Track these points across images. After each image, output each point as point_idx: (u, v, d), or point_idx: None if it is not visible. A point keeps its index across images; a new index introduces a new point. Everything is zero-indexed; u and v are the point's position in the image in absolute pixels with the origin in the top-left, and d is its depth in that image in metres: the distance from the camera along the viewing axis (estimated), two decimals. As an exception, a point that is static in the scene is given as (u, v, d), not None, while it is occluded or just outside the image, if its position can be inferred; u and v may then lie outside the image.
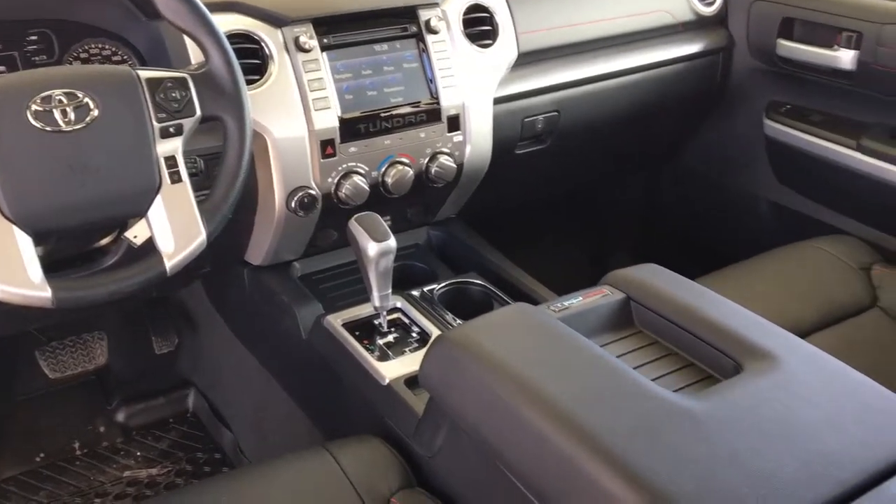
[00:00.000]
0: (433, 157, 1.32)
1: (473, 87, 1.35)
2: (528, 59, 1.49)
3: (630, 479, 0.74)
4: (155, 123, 0.95)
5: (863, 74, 1.50)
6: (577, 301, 1.04)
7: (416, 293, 1.31)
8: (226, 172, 0.99)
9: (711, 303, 1.01)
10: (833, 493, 0.73)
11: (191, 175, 0.98)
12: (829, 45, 1.52)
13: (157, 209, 0.95)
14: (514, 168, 1.57)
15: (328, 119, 1.21)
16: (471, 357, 0.91)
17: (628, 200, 2.03)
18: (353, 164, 1.25)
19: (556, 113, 1.52)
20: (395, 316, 1.27)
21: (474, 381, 0.90)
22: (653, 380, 0.92)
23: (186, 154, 0.98)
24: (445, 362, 0.95)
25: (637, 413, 0.82)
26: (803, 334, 1.27)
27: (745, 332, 0.95)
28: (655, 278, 1.07)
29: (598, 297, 1.04)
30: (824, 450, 0.78)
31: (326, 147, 1.22)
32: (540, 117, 1.51)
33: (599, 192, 2.01)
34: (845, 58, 1.49)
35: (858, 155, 1.50)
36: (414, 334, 1.24)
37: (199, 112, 0.97)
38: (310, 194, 1.22)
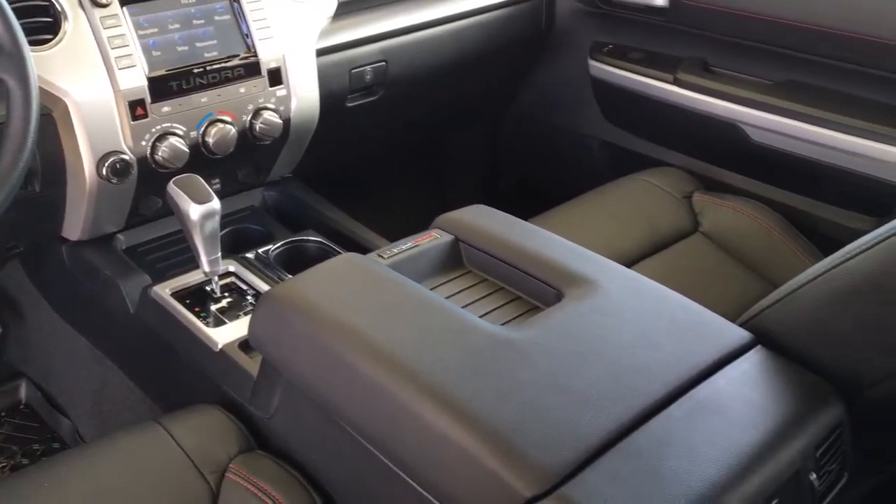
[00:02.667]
0: (256, 114, 1.27)
1: (293, 38, 1.30)
2: (350, 8, 1.46)
3: (456, 414, 0.75)
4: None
5: (675, 11, 1.56)
6: (406, 246, 1.03)
7: (250, 255, 1.27)
8: (12, 138, 0.91)
9: (535, 238, 1.04)
10: (644, 403, 0.76)
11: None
12: (644, -16, 1.57)
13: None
14: (349, 121, 1.54)
15: (135, 78, 1.14)
16: (297, 311, 0.89)
17: (471, 148, 2.04)
18: (169, 124, 1.18)
19: (383, 63, 1.50)
20: (228, 280, 1.23)
21: (302, 336, 0.88)
22: (481, 316, 0.94)
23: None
24: (273, 319, 0.93)
25: (462, 349, 0.83)
26: (631, 263, 1.33)
27: (567, 262, 0.97)
28: (482, 219, 1.08)
29: (427, 241, 1.05)
30: (637, 365, 0.81)
31: (136, 108, 1.15)
32: (368, 68, 1.48)
33: (442, 142, 2.01)
34: (659, -5, 1.54)
35: (675, 88, 1.56)
36: (249, 297, 1.20)
37: None
38: (122, 159, 1.15)
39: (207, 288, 1.19)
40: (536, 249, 1.00)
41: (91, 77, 1.11)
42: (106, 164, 1.14)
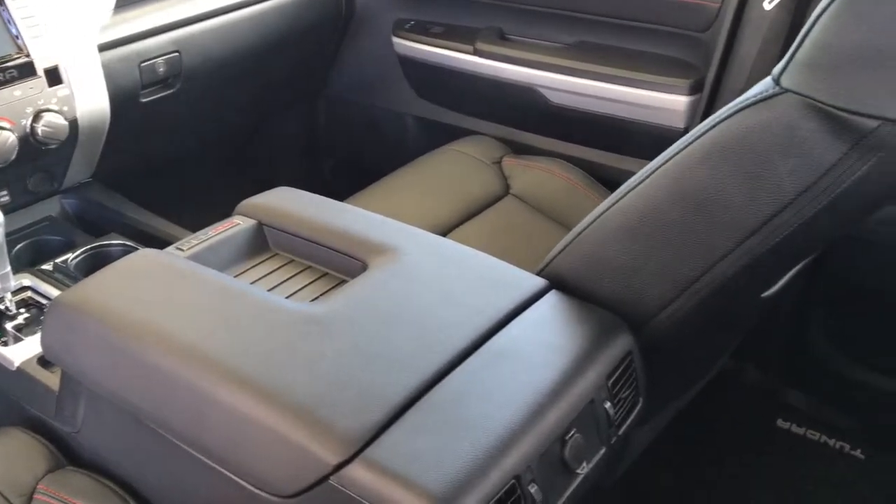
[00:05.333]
0: (37, 116, 1.19)
1: (69, 34, 1.23)
2: (133, -1, 1.40)
3: (258, 395, 0.74)
4: None
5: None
6: (206, 236, 1.01)
7: (47, 267, 1.20)
8: None
9: (339, 214, 1.04)
10: (445, 358, 0.78)
11: None
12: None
13: None
14: (147, 117, 1.48)
15: None
16: (88, 316, 0.85)
17: (288, 133, 2.01)
18: (-65, 136, 1.09)
19: (176, 54, 1.45)
20: (24, 296, 1.15)
21: (96, 341, 0.85)
22: (288, 296, 0.93)
23: None
24: (63, 328, 0.88)
25: (264, 331, 0.82)
26: (447, 230, 1.36)
27: (370, 233, 0.98)
28: (286, 201, 1.07)
29: (229, 229, 1.02)
30: (439, 323, 0.83)
31: None
32: (159, 60, 1.42)
33: (258, 129, 1.97)
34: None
35: (475, 59, 1.61)
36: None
37: None
38: None
39: (1, 307, 1.11)
40: (340, 225, 1.00)
41: None
42: None
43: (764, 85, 0.76)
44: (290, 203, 1.06)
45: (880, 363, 1.41)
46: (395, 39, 1.73)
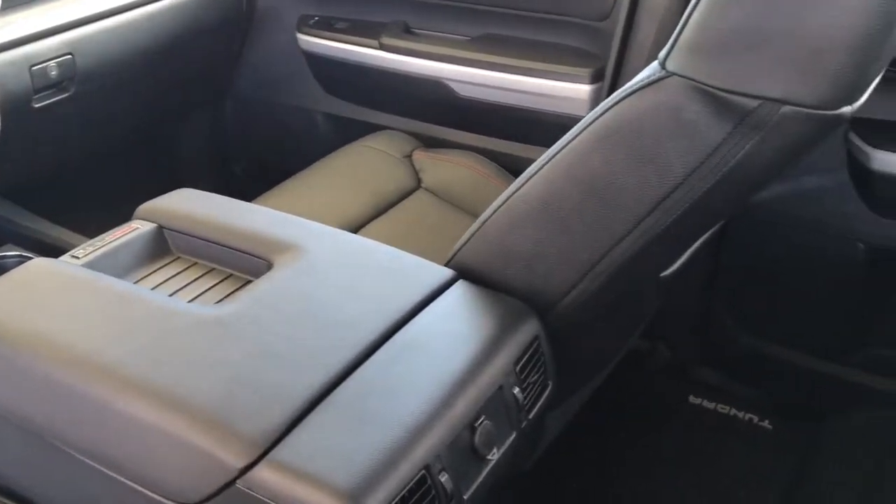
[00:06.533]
0: (-80, 125, 1.14)
1: (-51, 37, 1.18)
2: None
3: (159, 401, 0.73)
4: None
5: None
6: (103, 242, 0.97)
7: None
8: None
9: (243, 214, 1.02)
10: (351, 354, 0.78)
11: None
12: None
13: None
14: (43, 123, 1.42)
15: None
16: (-27, 332, 0.81)
17: (197, 135, 1.96)
18: None
19: (69, 56, 1.39)
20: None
21: (-14, 358, 0.81)
22: (191, 300, 0.91)
23: None
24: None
25: (164, 337, 0.80)
26: (358, 227, 1.34)
27: (274, 232, 0.97)
28: (186, 202, 1.04)
29: (127, 234, 0.99)
30: (344, 319, 0.82)
31: None
32: (51, 63, 1.37)
33: (165, 132, 1.92)
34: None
35: (382, 53, 1.60)
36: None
37: None
38: None
39: None
40: (244, 225, 0.98)
41: None
42: None
43: (651, 69, 0.78)
44: (190, 205, 1.04)
45: (781, 336, 1.47)
46: (300, 36, 1.71)
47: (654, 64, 0.78)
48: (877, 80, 0.82)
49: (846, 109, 0.72)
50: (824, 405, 1.43)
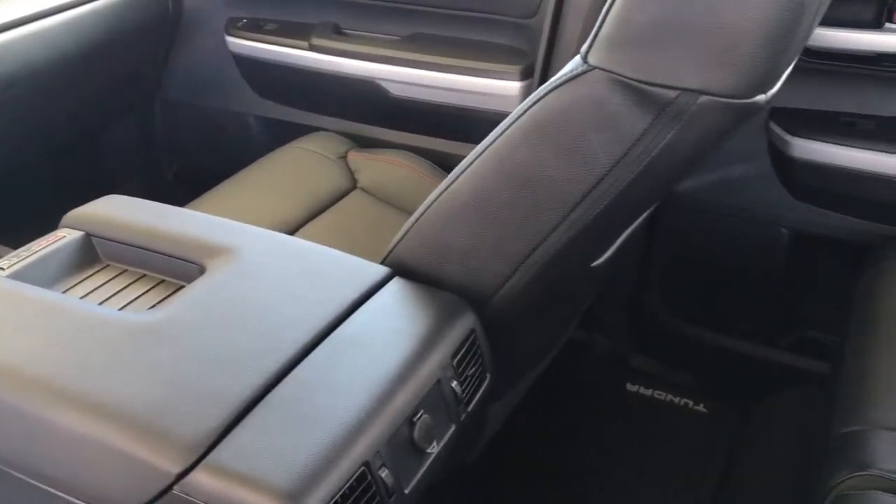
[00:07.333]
0: None
1: None
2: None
3: (90, 411, 0.71)
4: None
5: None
6: (29, 252, 0.95)
7: None
8: None
9: (174, 218, 1.00)
10: (289, 354, 0.77)
11: None
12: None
13: None
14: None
15: None
16: None
17: (127, 141, 1.92)
18: None
19: (-12, 62, 1.36)
20: None
21: None
22: (122, 307, 0.90)
23: None
24: None
25: (94, 346, 0.78)
26: (294, 229, 1.34)
27: (206, 235, 0.95)
28: (114, 209, 1.02)
29: (54, 243, 0.97)
30: (281, 319, 0.82)
31: None
32: (-30, 71, 1.33)
33: (94, 138, 1.87)
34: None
35: (312, 54, 1.59)
36: None
37: None
38: None
39: None
40: (174, 229, 0.97)
41: None
42: None
43: (574, 63, 0.79)
44: (119, 211, 1.02)
45: (712, 321, 1.52)
46: (229, 38, 1.69)
47: (577, 58, 0.79)
48: (789, 69, 0.85)
49: (760, 98, 0.74)
50: (756, 387, 1.48)
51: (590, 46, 0.77)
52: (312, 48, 1.59)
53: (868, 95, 1.32)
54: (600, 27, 0.76)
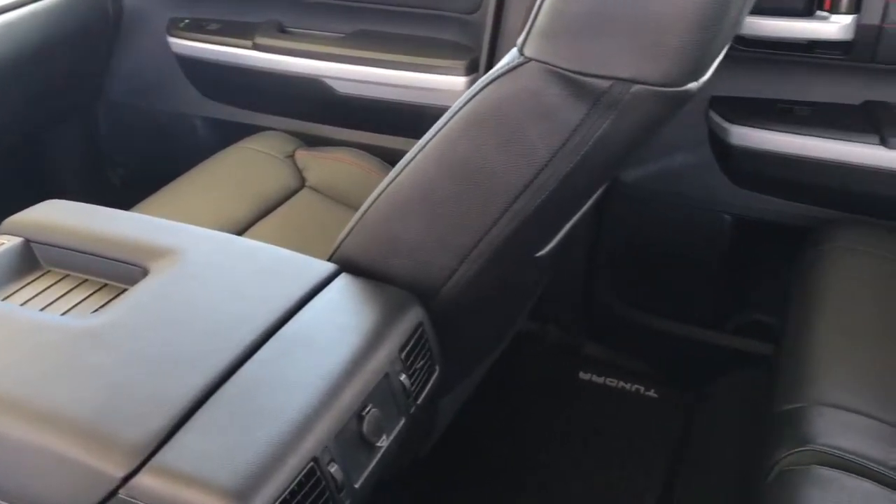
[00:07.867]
0: None
1: None
2: None
3: (30, 417, 0.70)
4: None
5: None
6: (-38, 261, 0.93)
7: None
8: None
9: (116, 221, 0.99)
10: (234, 353, 0.77)
11: None
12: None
13: None
14: None
15: None
16: None
17: (69, 145, 1.88)
18: None
19: (-79, 68, 1.32)
20: None
21: None
22: (64, 313, 0.88)
23: None
24: None
25: (38, 352, 0.77)
26: (243, 229, 1.33)
27: (149, 237, 0.95)
28: (54, 213, 1.01)
29: (-9, 251, 0.95)
30: (226, 319, 0.82)
31: None
32: None
33: (35, 143, 1.83)
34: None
35: (256, 53, 1.58)
36: None
37: None
38: None
39: None
40: (116, 232, 0.96)
41: None
42: None
43: (511, 56, 0.80)
44: (59, 215, 1.00)
45: (660, 308, 1.54)
46: (171, 39, 1.67)
47: (514, 51, 0.80)
48: (720, 57, 0.87)
49: (692, 85, 0.76)
50: (704, 371, 1.52)
51: (525, 38, 0.78)
52: (256, 47, 1.58)
53: (803, 82, 1.35)
54: (535, 19, 0.77)
